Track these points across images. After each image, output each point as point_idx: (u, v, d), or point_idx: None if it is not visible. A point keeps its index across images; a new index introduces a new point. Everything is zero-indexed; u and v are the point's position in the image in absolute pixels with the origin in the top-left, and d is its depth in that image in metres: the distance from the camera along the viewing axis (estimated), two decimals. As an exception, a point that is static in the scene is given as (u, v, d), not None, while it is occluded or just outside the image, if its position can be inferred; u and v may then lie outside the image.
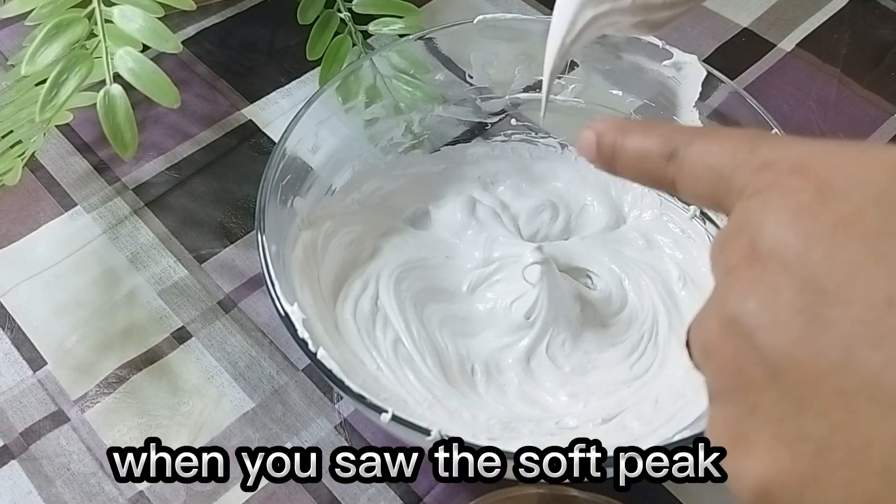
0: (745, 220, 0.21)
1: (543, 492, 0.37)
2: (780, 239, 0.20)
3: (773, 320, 0.19)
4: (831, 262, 0.19)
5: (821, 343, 0.18)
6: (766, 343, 0.19)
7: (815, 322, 0.19)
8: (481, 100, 0.53)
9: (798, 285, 0.19)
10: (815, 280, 0.19)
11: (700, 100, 0.47)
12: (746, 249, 0.20)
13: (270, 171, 0.43)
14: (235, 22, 0.64)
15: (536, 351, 0.44)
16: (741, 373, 0.20)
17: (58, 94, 0.41)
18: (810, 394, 0.19)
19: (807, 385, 0.19)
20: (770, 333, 0.19)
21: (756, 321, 0.20)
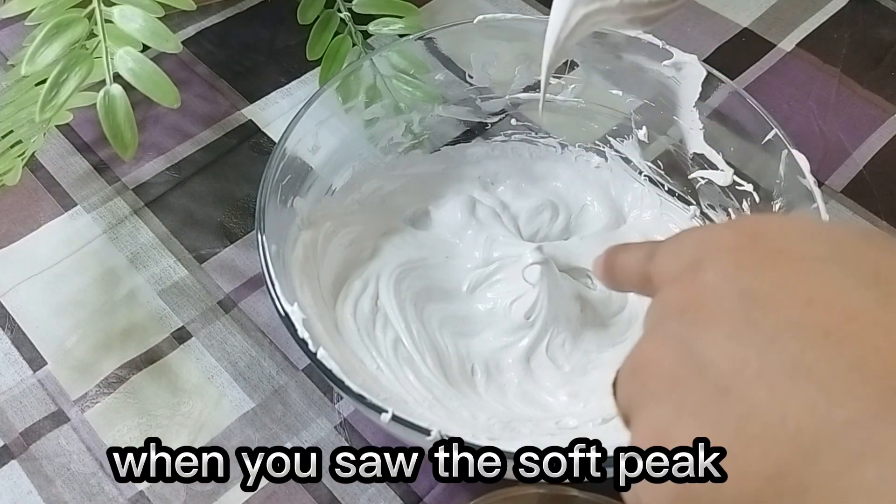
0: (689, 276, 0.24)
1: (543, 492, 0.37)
2: (715, 278, 0.23)
3: (715, 311, 0.22)
4: (760, 282, 0.22)
5: (753, 331, 0.21)
6: (699, 343, 0.22)
7: (746, 317, 0.21)
8: (481, 100, 0.53)
9: (731, 294, 0.22)
10: (748, 292, 0.22)
11: (700, 100, 0.47)
12: (687, 288, 0.24)
13: (270, 171, 0.43)
14: (235, 22, 0.64)
15: (536, 351, 0.45)
16: (672, 375, 0.23)
17: (58, 94, 0.41)
18: (735, 378, 0.21)
19: (732, 371, 0.21)
20: (710, 325, 0.22)
21: (701, 312, 0.23)
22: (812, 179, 0.42)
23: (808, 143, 0.57)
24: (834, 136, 0.58)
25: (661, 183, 0.51)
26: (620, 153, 0.52)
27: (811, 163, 0.43)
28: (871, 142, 0.58)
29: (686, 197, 0.50)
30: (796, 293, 0.21)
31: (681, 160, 0.49)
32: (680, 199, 0.50)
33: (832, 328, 0.20)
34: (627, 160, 0.52)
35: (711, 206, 0.49)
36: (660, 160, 0.51)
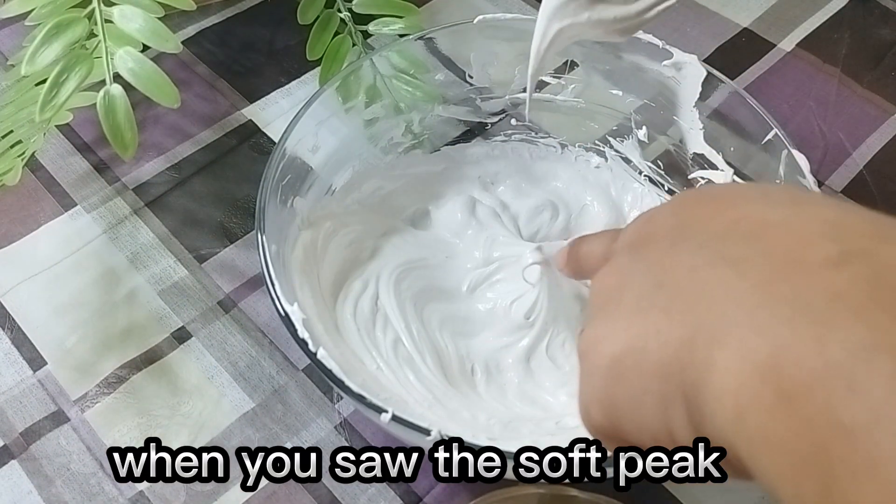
0: None
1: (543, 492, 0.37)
2: (660, 216, 0.27)
3: (659, 235, 0.26)
4: (696, 214, 0.26)
5: (687, 242, 0.25)
6: (641, 260, 0.26)
7: (683, 236, 0.25)
8: (481, 100, 0.53)
9: (672, 224, 0.26)
10: (687, 221, 0.26)
11: (700, 100, 0.47)
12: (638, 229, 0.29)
13: (270, 171, 0.43)
14: (235, 22, 0.64)
15: (536, 351, 0.44)
16: (616, 286, 0.27)
17: (58, 94, 0.41)
18: (668, 274, 0.24)
19: (666, 270, 0.25)
20: (653, 244, 0.26)
21: (647, 239, 0.27)
22: (812, 179, 0.42)
23: (808, 143, 0.57)
24: (834, 136, 0.58)
25: (661, 183, 0.51)
26: (620, 153, 0.52)
27: (811, 163, 0.43)
28: (871, 142, 0.58)
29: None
30: (726, 216, 0.25)
31: (681, 160, 0.49)
32: None
33: (751, 233, 0.23)
34: (627, 160, 0.52)
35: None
36: (660, 160, 0.51)
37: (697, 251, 0.24)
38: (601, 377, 0.26)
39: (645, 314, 0.24)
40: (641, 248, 0.27)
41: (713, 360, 0.21)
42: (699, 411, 0.22)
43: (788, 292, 0.20)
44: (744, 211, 0.24)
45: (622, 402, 0.25)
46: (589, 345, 0.27)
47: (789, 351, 0.19)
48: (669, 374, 0.23)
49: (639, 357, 0.24)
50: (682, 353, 0.22)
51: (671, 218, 0.27)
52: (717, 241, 0.24)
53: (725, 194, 0.27)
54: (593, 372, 0.26)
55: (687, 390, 0.22)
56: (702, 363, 0.21)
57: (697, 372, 0.22)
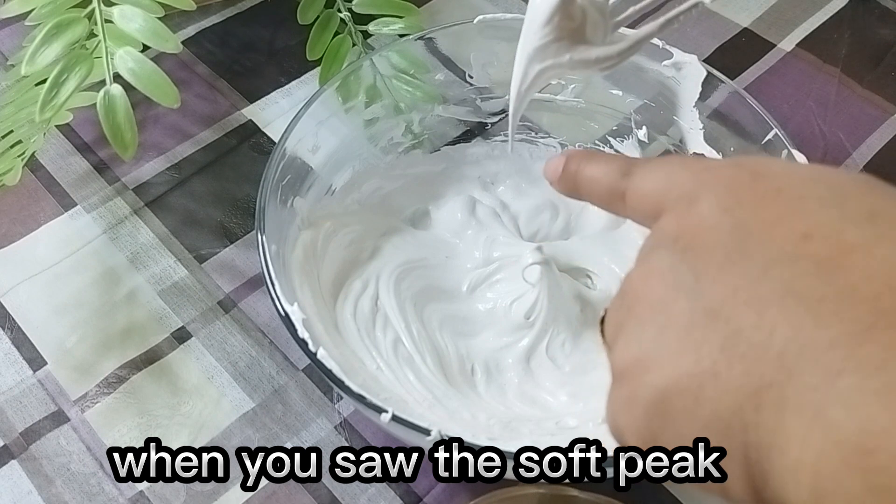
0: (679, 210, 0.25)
1: (543, 492, 0.37)
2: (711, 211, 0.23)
3: (709, 241, 0.23)
4: (756, 217, 0.22)
5: (746, 262, 0.21)
6: (690, 270, 0.23)
7: (740, 249, 0.22)
8: (481, 100, 0.53)
9: (726, 227, 0.22)
10: (744, 225, 0.22)
11: (700, 100, 0.47)
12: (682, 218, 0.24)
13: (270, 171, 0.43)
14: (235, 22, 0.64)
15: (536, 351, 0.44)
16: (660, 299, 0.23)
17: (58, 94, 0.41)
18: (725, 303, 0.21)
19: (723, 297, 0.21)
20: (704, 254, 0.23)
21: (695, 242, 0.23)
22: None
23: (808, 143, 0.57)
24: (834, 136, 0.58)
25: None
26: (620, 153, 0.52)
27: (811, 163, 0.43)
28: (871, 142, 0.58)
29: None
30: (793, 228, 0.21)
31: (681, 160, 0.49)
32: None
33: (826, 259, 0.20)
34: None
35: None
36: (660, 160, 0.51)
37: (761, 278, 0.21)
38: (643, 410, 0.23)
39: (698, 348, 0.21)
40: (687, 252, 0.23)
41: (786, 427, 0.19)
42: (763, 476, 0.20)
43: (879, 356, 0.18)
44: (812, 221, 0.21)
45: (667, 442, 0.23)
46: (629, 366, 0.24)
47: (884, 437, 0.17)
48: (729, 430, 0.20)
49: (691, 402, 0.21)
50: (745, 411, 0.20)
51: (722, 216, 0.23)
52: (785, 266, 0.21)
53: (789, 186, 0.23)
54: (634, 400, 0.23)
55: (750, 452, 0.20)
56: (771, 427, 0.19)
57: (764, 436, 0.20)
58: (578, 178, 0.31)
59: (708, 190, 0.24)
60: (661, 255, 0.24)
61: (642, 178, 0.27)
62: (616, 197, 0.28)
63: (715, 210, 0.23)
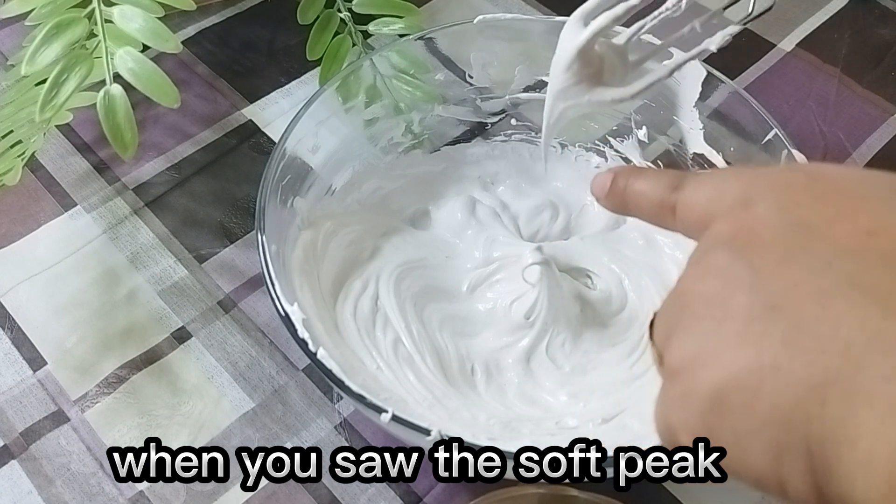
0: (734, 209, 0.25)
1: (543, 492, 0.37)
2: (768, 211, 0.23)
3: (768, 237, 0.22)
4: (816, 215, 0.22)
5: (808, 255, 0.21)
6: (749, 266, 0.22)
7: (801, 245, 0.21)
8: (481, 100, 0.53)
9: (785, 225, 0.22)
10: (803, 223, 0.22)
11: (700, 100, 0.47)
12: (738, 220, 0.24)
13: (270, 171, 0.43)
14: (235, 22, 0.64)
15: (536, 351, 0.44)
16: (718, 295, 0.23)
17: (58, 94, 0.41)
18: (786, 296, 0.21)
19: (784, 290, 0.21)
20: (762, 250, 0.22)
21: (753, 239, 0.23)
22: (812, 179, 0.42)
23: (808, 143, 0.57)
24: (834, 136, 0.58)
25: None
26: (620, 153, 0.52)
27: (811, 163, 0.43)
28: (871, 142, 0.58)
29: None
30: (856, 225, 0.21)
31: (681, 160, 0.49)
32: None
33: (891, 254, 0.20)
34: (627, 160, 0.52)
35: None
36: (660, 160, 0.51)
37: (823, 271, 0.21)
38: (699, 406, 0.22)
39: (758, 342, 0.21)
40: (745, 249, 0.23)
41: (856, 419, 0.19)
42: (829, 471, 0.20)
43: None
44: (877, 218, 0.21)
45: (723, 438, 0.22)
46: (685, 363, 0.23)
47: None
48: (790, 424, 0.20)
49: (750, 396, 0.21)
50: (809, 404, 0.20)
51: (780, 215, 0.23)
52: (849, 259, 0.20)
53: (848, 187, 0.23)
54: (689, 397, 0.23)
55: (814, 447, 0.20)
56: (838, 419, 0.19)
57: (831, 429, 0.19)
58: (627, 194, 0.32)
59: (764, 192, 0.24)
60: (717, 253, 0.24)
61: (693, 190, 0.27)
62: (666, 210, 0.29)
63: (772, 210, 0.23)
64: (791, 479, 0.20)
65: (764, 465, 0.21)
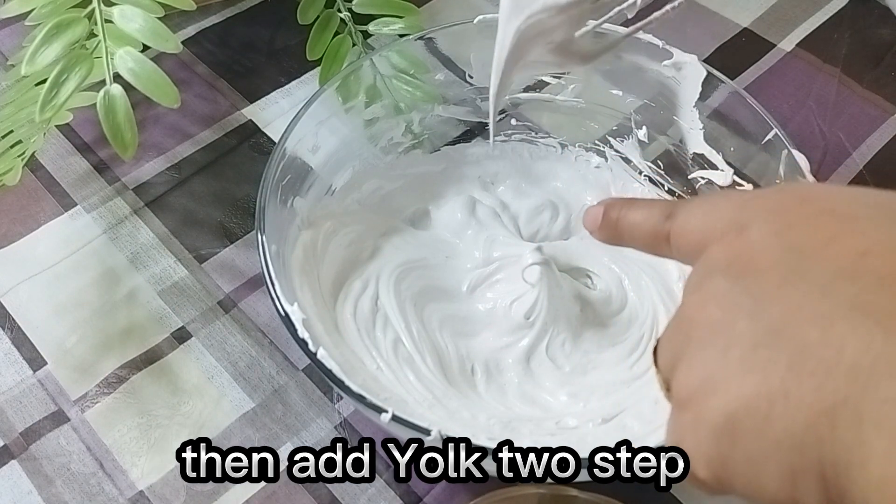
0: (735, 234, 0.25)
1: (543, 492, 0.37)
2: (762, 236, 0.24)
3: (764, 263, 0.23)
4: (810, 238, 0.23)
5: (805, 281, 0.21)
6: (748, 292, 0.23)
7: (797, 269, 0.22)
8: (481, 100, 0.53)
9: (780, 249, 0.23)
10: (797, 247, 0.22)
11: (700, 100, 0.47)
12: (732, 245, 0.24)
13: (270, 171, 0.43)
14: (235, 22, 0.64)
15: (536, 351, 0.44)
16: (720, 322, 0.23)
17: (58, 94, 0.41)
18: (787, 321, 0.21)
19: (785, 315, 0.21)
20: (760, 275, 0.23)
21: (749, 265, 0.23)
22: (812, 179, 0.42)
23: (808, 143, 0.57)
24: (834, 137, 0.58)
25: (661, 183, 0.51)
26: (620, 153, 0.52)
27: (811, 163, 0.43)
28: (871, 142, 0.58)
29: (686, 197, 0.50)
30: (848, 246, 0.21)
31: (681, 160, 0.49)
32: (680, 199, 0.50)
33: (888, 275, 0.20)
34: (627, 160, 0.52)
35: (711, 206, 0.49)
36: (660, 160, 0.51)
37: (822, 294, 0.21)
38: (710, 434, 0.23)
39: (764, 368, 0.21)
40: (742, 275, 0.23)
41: (865, 442, 0.19)
42: (842, 493, 0.20)
43: None
44: (868, 239, 0.21)
45: (737, 465, 0.22)
46: (693, 391, 0.23)
47: None
48: (802, 447, 0.20)
49: (761, 421, 0.21)
50: (819, 427, 0.20)
51: (774, 239, 0.23)
52: (846, 282, 0.21)
53: (838, 207, 0.23)
54: (700, 425, 0.23)
55: (826, 470, 0.20)
56: (849, 443, 0.19)
57: (842, 452, 0.19)
58: (620, 226, 0.32)
59: (756, 216, 0.24)
60: (716, 281, 0.24)
61: (685, 218, 0.28)
62: (661, 239, 0.29)
63: (765, 234, 0.23)
64: (806, 501, 0.21)
65: (779, 488, 0.21)
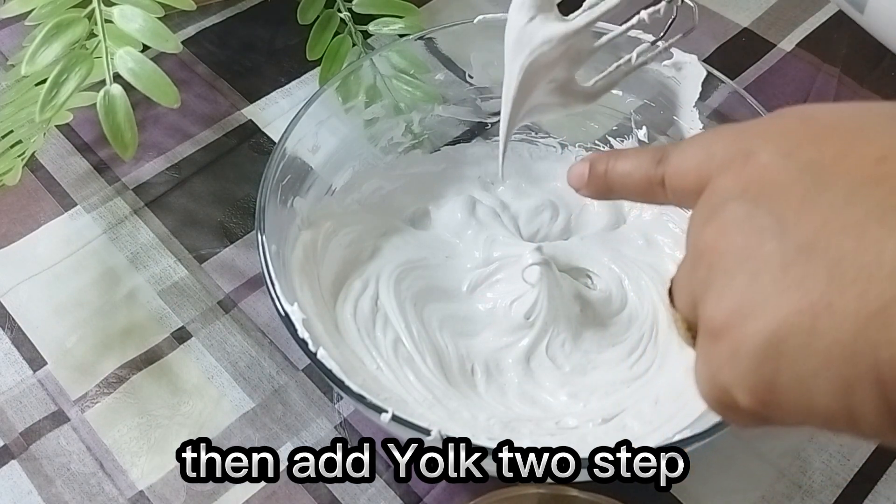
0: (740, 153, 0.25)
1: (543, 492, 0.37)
2: (772, 158, 0.23)
3: (782, 182, 0.22)
4: (822, 153, 0.22)
5: (828, 193, 0.21)
6: (770, 214, 0.22)
7: (816, 184, 0.22)
8: (481, 100, 0.53)
9: (794, 168, 0.22)
10: (812, 163, 0.22)
11: (700, 100, 0.47)
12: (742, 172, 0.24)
13: (270, 171, 0.43)
14: (235, 22, 0.64)
15: (536, 351, 0.44)
16: (745, 247, 0.23)
17: (58, 94, 0.41)
18: (818, 235, 0.21)
19: (814, 230, 0.21)
20: (779, 195, 0.22)
21: (766, 187, 0.23)
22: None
23: (808, 143, 0.57)
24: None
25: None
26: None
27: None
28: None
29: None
30: (863, 155, 0.21)
31: (681, 160, 0.49)
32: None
33: None
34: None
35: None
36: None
37: (849, 205, 0.21)
38: (751, 360, 0.22)
39: (801, 285, 0.21)
40: (761, 197, 0.23)
41: None
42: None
43: None
44: (881, 145, 0.21)
45: (784, 386, 0.22)
46: (726, 320, 0.23)
47: None
48: (854, 356, 0.20)
49: (806, 337, 0.21)
50: (870, 332, 0.20)
51: (786, 160, 0.23)
52: (870, 188, 0.21)
53: (842, 122, 0.23)
54: (738, 353, 0.22)
55: (883, 372, 0.20)
56: None
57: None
58: (609, 177, 0.31)
59: (761, 142, 0.24)
60: (732, 207, 0.23)
61: (679, 158, 0.27)
62: (655, 185, 0.28)
63: (776, 156, 0.23)
64: (863, 411, 0.20)
65: (832, 403, 0.21)
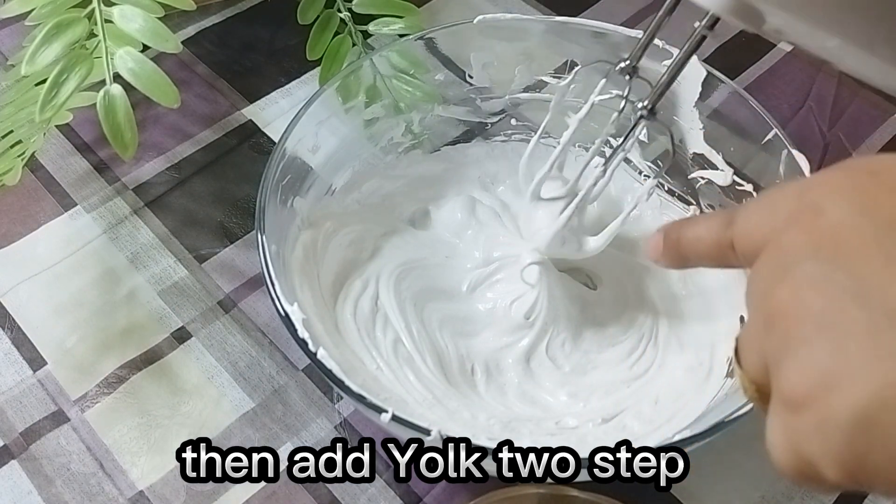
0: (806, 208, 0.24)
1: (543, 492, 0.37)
2: (844, 215, 0.22)
3: (860, 242, 0.22)
4: (884, 215, 0.22)
5: None
6: (852, 277, 0.21)
7: (884, 237, 0.21)
8: (481, 100, 0.53)
9: (872, 226, 0.22)
10: (888, 222, 0.22)
11: (700, 100, 0.47)
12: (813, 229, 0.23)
13: (270, 171, 0.43)
14: (235, 22, 0.64)
15: (536, 351, 0.44)
16: (825, 313, 0.22)
17: (58, 94, 0.41)
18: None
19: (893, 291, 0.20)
20: (859, 255, 0.21)
21: (842, 246, 0.22)
22: (812, 179, 0.42)
23: (808, 143, 0.57)
24: (834, 136, 0.58)
25: (661, 183, 0.51)
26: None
27: (811, 163, 0.43)
28: (871, 142, 0.58)
29: (686, 197, 0.50)
30: None
31: (681, 160, 0.49)
32: (680, 199, 0.50)
33: None
34: (627, 160, 0.52)
35: (711, 205, 0.49)
36: (660, 160, 0.51)
37: None
38: (841, 434, 0.21)
39: (893, 353, 0.20)
40: (838, 258, 0.22)
41: None
42: None
43: None
44: None
45: (879, 462, 0.21)
46: (809, 391, 0.22)
47: None
48: None
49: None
50: None
51: (860, 218, 0.22)
52: None
53: None
54: (826, 427, 0.21)
55: None
56: None
57: None
58: (682, 245, 0.32)
59: (829, 196, 0.23)
60: (807, 267, 0.22)
61: (746, 219, 0.27)
62: (725, 248, 0.28)
63: (848, 213, 0.22)
64: None
65: None
